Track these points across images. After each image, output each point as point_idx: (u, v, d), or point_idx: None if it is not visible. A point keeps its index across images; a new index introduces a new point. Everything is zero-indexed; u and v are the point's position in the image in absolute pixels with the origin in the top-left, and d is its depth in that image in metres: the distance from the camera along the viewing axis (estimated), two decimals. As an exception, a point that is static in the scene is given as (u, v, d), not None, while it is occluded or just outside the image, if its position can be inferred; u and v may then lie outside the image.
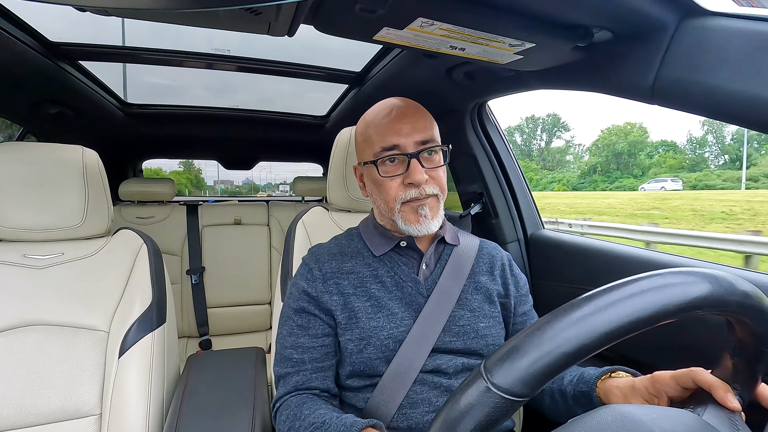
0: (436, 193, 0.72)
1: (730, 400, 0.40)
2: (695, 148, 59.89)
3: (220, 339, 2.08)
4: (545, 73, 0.85)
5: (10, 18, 1.03)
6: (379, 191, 0.73)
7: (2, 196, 0.90)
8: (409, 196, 0.70)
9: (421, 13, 0.59)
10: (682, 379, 0.48)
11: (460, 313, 0.73)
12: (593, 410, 0.37)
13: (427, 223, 0.71)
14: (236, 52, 1.40)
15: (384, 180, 0.71)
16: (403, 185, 0.70)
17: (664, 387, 0.50)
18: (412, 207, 0.71)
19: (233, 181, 30.13)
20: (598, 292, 0.33)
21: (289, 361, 0.71)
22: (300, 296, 0.74)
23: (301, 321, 0.73)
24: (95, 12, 0.51)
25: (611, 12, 0.62)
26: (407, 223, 0.71)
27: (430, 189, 0.70)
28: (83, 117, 1.66)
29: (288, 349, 0.72)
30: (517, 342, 0.32)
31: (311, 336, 0.72)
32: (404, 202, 0.71)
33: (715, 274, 0.35)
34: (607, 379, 0.61)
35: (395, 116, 0.71)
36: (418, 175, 0.68)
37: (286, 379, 0.71)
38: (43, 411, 0.84)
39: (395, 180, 0.71)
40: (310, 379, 0.70)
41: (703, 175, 41.03)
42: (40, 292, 0.91)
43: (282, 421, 0.67)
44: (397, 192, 0.70)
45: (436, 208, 0.73)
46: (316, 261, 0.77)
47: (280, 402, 0.70)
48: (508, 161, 1.32)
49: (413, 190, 0.70)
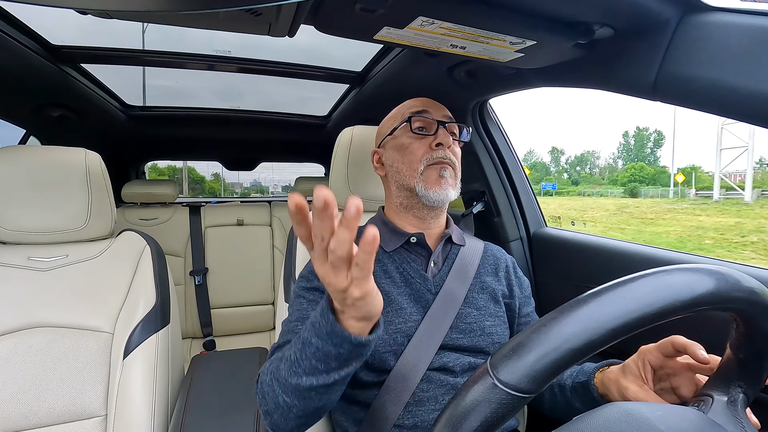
0: (455, 164, 0.76)
1: (701, 355, 0.47)
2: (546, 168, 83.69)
3: (224, 339, 2.08)
4: (546, 70, 0.84)
5: (12, 21, 1.04)
6: (404, 154, 0.77)
7: (6, 200, 0.91)
8: (436, 156, 0.74)
9: (421, 12, 0.59)
10: (663, 345, 0.53)
11: (467, 311, 0.73)
12: (598, 408, 0.37)
13: (446, 187, 0.74)
14: (237, 53, 1.41)
15: (413, 141, 0.76)
16: (430, 148, 0.75)
17: (648, 356, 0.55)
18: (436, 169, 0.74)
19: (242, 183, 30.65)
20: (604, 288, 0.33)
21: (291, 333, 0.67)
22: (312, 276, 0.72)
23: (312, 297, 0.71)
24: (97, 15, 0.51)
25: (612, 8, 0.62)
26: (427, 187, 0.73)
27: (452, 157, 0.75)
28: (86, 119, 1.66)
29: (293, 323, 0.68)
30: (523, 338, 0.32)
31: None
32: (429, 165, 0.74)
33: (721, 270, 0.35)
34: (605, 370, 0.63)
35: (425, 99, 0.81)
36: (446, 137, 0.75)
37: (284, 348, 0.64)
38: (49, 412, 0.84)
39: (424, 141, 0.76)
40: None
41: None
42: (44, 294, 0.91)
43: (261, 381, 0.59)
44: (425, 152, 0.75)
45: (455, 179, 0.76)
46: None
47: (266, 367, 0.61)
48: (510, 159, 1.32)
49: (440, 151, 0.74)
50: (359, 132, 1.01)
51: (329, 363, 0.48)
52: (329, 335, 0.46)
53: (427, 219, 0.78)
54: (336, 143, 1.01)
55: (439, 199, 0.73)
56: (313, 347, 0.48)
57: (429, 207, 0.76)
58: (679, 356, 0.52)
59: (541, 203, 1.35)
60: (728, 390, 0.42)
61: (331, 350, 0.47)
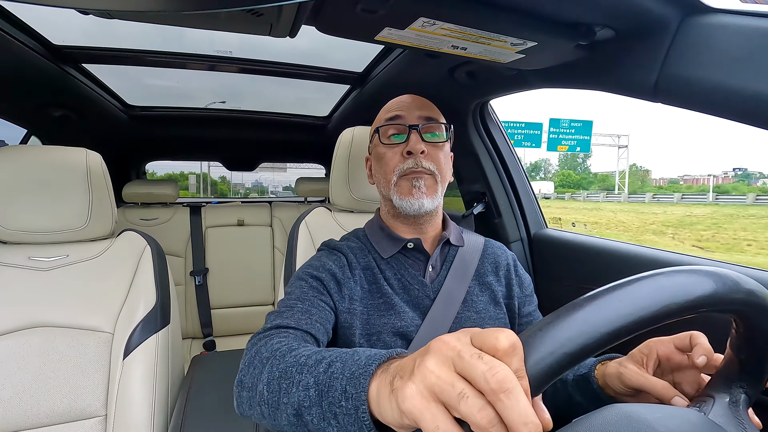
0: (432, 171, 0.73)
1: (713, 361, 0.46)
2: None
3: (224, 340, 2.08)
4: (547, 72, 0.84)
5: (13, 22, 1.04)
6: (381, 165, 0.76)
7: (7, 199, 0.91)
8: (407, 167, 0.72)
9: (422, 12, 0.59)
10: (680, 338, 0.51)
11: (466, 315, 0.73)
12: (597, 410, 0.36)
13: (420, 197, 0.71)
14: (238, 53, 1.41)
15: (386, 150, 0.75)
16: (403, 156, 0.73)
17: (658, 345, 0.53)
18: (408, 179, 0.72)
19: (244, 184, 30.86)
20: (600, 291, 0.33)
21: (290, 309, 0.63)
22: (322, 270, 0.71)
23: (315, 284, 0.69)
24: (98, 15, 0.51)
25: (614, 10, 0.62)
26: (401, 197, 0.72)
27: (426, 164, 0.72)
28: (87, 119, 1.67)
29: (292, 300, 0.65)
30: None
31: (321, 300, 0.67)
32: (401, 175, 0.72)
33: (719, 272, 0.35)
34: (606, 363, 0.62)
35: (404, 98, 0.79)
36: (417, 144, 0.72)
37: (283, 315, 0.62)
38: (49, 412, 0.84)
39: (396, 151, 0.74)
40: (314, 326, 0.61)
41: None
42: (45, 294, 0.91)
43: (256, 350, 0.53)
44: (397, 163, 0.73)
45: (433, 187, 0.73)
46: (339, 251, 0.77)
47: (261, 334, 0.58)
48: (511, 160, 1.32)
49: (410, 160, 0.72)
50: (360, 133, 1.01)
51: (329, 420, 0.39)
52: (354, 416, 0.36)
53: (419, 224, 0.77)
54: (336, 144, 1.01)
55: (414, 209, 0.72)
56: (328, 400, 0.39)
57: (413, 216, 0.75)
58: (691, 353, 0.50)
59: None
60: (730, 390, 0.41)
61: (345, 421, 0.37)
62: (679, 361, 0.52)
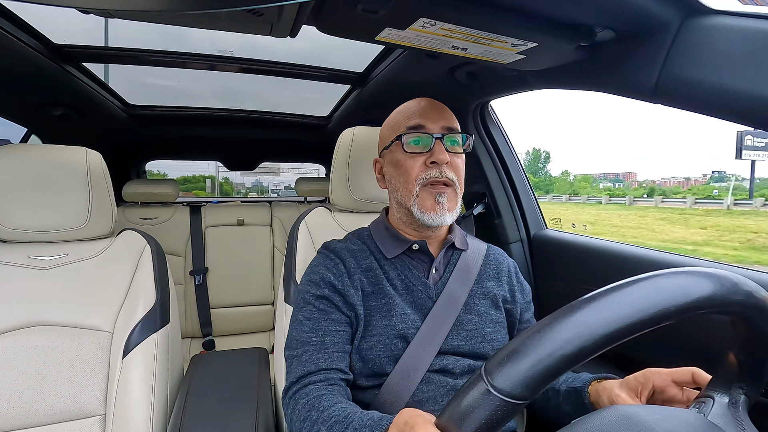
0: (454, 180, 0.72)
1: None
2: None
3: (224, 339, 2.08)
4: (548, 72, 0.84)
5: (14, 20, 1.04)
6: (400, 173, 0.74)
7: (7, 198, 0.91)
8: (430, 176, 0.71)
9: (422, 13, 0.59)
10: (681, 374, 0.52)
11: (467, 318, 0.73)
12: (596, 411, 0.36)
13: (443, 213, 0.71)
14: (239, 53, 1.41)
15: (407, 158, 0.72)
16: (425, 165, 0.72)
17: (655, 377, 0.53)
18: (431, 193, 0.71)
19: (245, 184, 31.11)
20: (597, 293, 0.33)
21: (307, 344, 0.68)
22: (323, 285, 0.72)
23: (322, 306, 0.71)
24: (98, 14, 0.51)
25: (614, 11, 0.62)
26: (423, 211, 0.71)
27: (450, 173, 0.71)
28: (87, 119, 1.66)
29: (306, 333, 0.69)
30: (518, 345, 0.32)
31: (332, 321, 0.70)
32: (424, 185, 0.71)
33: (717, 273, 0.35)
34: (602, 381, 0.63)
35: (424, 104, 0.76)
36: (442, 154, 0.70)
37: (303, 359, 0.66)
38: (48, 411, 0.84)
39: (418, 159, 0.72)
40: (332, 359, 0.66)
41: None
42: (44, 293, 0.91)
43: (298, 410, 0.62)
44: (419, 172, 0.72)
45: (454, 201, 0.73)
46: (338, 255, 0.76)
47: (296, 387, 0.65)
48: (511, 161, 1.32)
49: (435, 169, 0.71)
50: (360, 133, 1.01)
51: None
52: None
53: (429, 229, 0.77)
54: (337, 144, 1.01)
55: (435, 223, 0.72)
56: None
57: (428, 226, 0.74)
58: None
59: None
60: (729, 391, 0.41)
61: None
62: (673, 395, 0.53)
